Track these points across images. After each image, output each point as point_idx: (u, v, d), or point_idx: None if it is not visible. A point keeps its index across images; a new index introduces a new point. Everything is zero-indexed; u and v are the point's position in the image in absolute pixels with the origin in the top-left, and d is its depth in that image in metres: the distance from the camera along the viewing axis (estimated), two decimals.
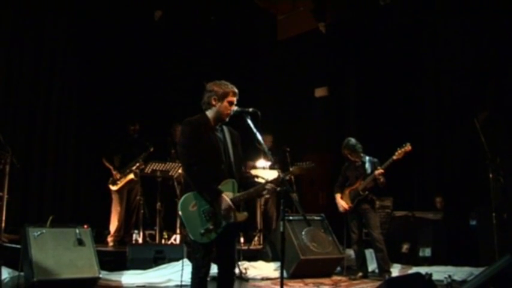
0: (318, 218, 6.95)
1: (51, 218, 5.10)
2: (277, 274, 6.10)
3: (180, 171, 6.93)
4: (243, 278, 5.93)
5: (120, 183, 7.22)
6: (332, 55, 9.61)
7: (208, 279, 3.52)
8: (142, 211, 7.27)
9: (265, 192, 3.57)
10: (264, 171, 7.40)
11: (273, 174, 6.24)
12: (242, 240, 7.62)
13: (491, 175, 6.07)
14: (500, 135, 7.30)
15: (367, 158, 6.45)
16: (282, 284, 3.42)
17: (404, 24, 8.54)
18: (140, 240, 7.21)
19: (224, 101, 3.56)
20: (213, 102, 3.58)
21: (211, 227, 3.39)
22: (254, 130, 3.55)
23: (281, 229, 3.45)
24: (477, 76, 7.80)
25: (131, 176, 7.20)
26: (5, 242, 5.86)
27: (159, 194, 7.17)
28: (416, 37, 8.55)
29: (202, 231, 3.37)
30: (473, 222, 7.02)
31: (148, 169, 7.08)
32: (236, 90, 3.61)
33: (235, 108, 3.60)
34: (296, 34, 10.17)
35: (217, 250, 3.55)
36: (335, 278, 6.35)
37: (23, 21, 7.68)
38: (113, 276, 5.51)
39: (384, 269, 6.17)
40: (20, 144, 7.46)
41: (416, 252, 7.09)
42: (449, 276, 5.39)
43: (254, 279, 6.06)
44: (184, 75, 9.22)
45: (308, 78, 9.98)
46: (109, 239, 7.24)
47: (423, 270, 5.26)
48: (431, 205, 7.82)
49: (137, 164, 7.19)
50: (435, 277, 4.53)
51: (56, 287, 4.86)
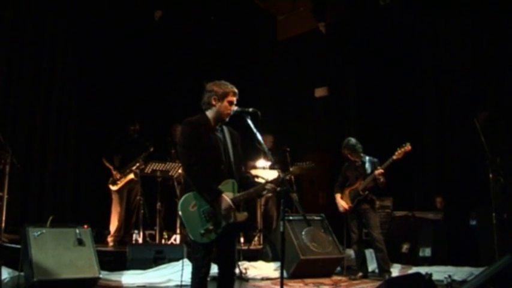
0: (318, 218, 6.95)
1: (51, 218, 5.10)
2: (277, 274, 6.10)
3: (180, 171, 6.93)
4: (243, 278, 5.93)
5: (120, 183, 7.22)
6: (332, 55, 9.60)
7: (208, 279, 3.52)
8: (142, 211, 7.28)
9: (265, 192, 3.57)
10: (264, 171, 7.41)
11: (273, 174, 6.25)
12: (242, 240, 7.63)
13: (491, 175, 6.07)
14: (500, 135, 7.30)
15: (367, 158, 6.45)
16: (282, 284, 3.41)
17: (404, 24, 8.52)
18: (140, 240, 7.21)
19: (224, 101, 3.56)
20: (213, 102, 3.58)
21: (211, 227, 3.39)
22: (254, 130, 3.55)
23: (281, 229, 3.45)
24: (477, 76, 7.79)
25: (131, 176, 7.21)
26: (5, 242, 5.87)
27: (159, 194, 7.17)
28: (416, 37, 8.54)
29: (202, 231, 3.37)
30: (473, 222, 7.02)
31: (148, 169, 7.09)
32: (236, 90, 3.62)
33: (235, 108, 3.60)
34: (296, 34, 10.16)
35: (217, 250, 3.56)
36: (335, 278, 6.35)
37: (23, 21, 7.69)
38: (113, 276, 5.51)
39: (384, 269, 6.17)
40: (20, 144, 7.46)
41: (416, 252, 7.09)
42: (449, 276, 5.39)
43: (254, 279, 6.06)
44: (184, 75, 9.22)
45: (308, 78, 9.97)
46: (109, 239, 7.24)
47: (423, 270, 5.25)
48: (431, 205, 7.81)
49: (137, 164, 7.19)
50: (435, 277, 4.53)
51: (56, 287, 4.85)
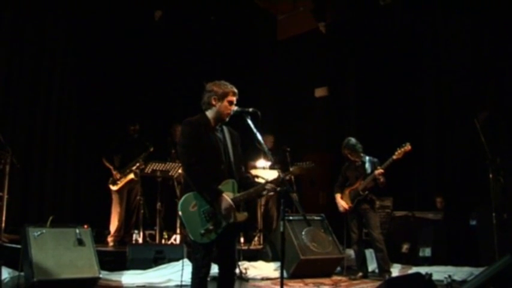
0: (318, 218, 6.95)
1: (51, 218, 5.09)
2: (277, 274, 6.10)
3: (180, 171, 6.93)
4: (243, 278, 5.93)
5: (120, 183, 7.22)
6: (332, 55, 9.61)
7: (208, 279, 3.52)
8: (142, 211, 7.28)
9: (265, 192, 3.57)
10: (264, 171, 7.41)
11: (273, 174, 6.25)
12: (242, 240, 7.63)
13: (491, 175, 6.07)
14: (500, 135, 7.31)
15: (367, 158, 6.45)
16: (282, 284, 3.41)
17: (404, 24, 8.53)
18: (140, 240, 7.21)
19: (224, 101, 3.56)
20: (213, 102, 3.58)
21: (211, 227, 3.39)
22: (254, 130, 3.55)
23: (281, 229, 3.44)
24: (477, 76, 7.79)
25: (131, 176, 7.21)
26: (5, 242, 5.87)
27: (159, 194, 7.17)
28: (416, 37, 8.54)
29: (202, 231, 3.37)
30: (473, 222, 7.01)
31: (148, 169, 7.09)
32: (236, 90, 3.62)
33: (235, 108, 3.60)
34: (296, 34, 10.17)
35: (217, 250, 3.56)
36: (335, 278, 6.35)
37: (23, 21, 7.68)
38: (113, 276, 5.51)
39: (384, 269, 6.17)
40: (20, 144, 7.46)
41: (416, 252, 7.09)
42: (449, 276, 5.39)
43: (254, 279, 6.06)
44: (184, 75, 9.21)
45: (308, 78, 9.97)
46: (109, 239, 7.24)
47: (423, 270, 5.25)
48: (431, 205, 7.80)
49: (137, 164, 7.19)
50: (435, 277, 4.54)
51: (56, 287, 4.85)
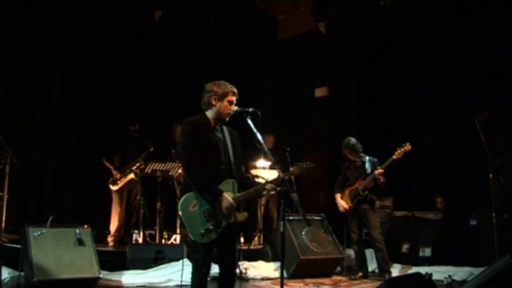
0: (318, 218, 6.95)
1: (51, 218, 5.09)
2: (277, 274, 6.10)
3: (180, 171, 6.93)
4: (243, 278, 5.93)
5: (120, 183, 7.22)
6: (332, 55, 9.60)
7: (208, 279, 3.52)
8: (142, 211, 7.27)
9: (265, 192, 3.57)
10: (264, 171, 7.41)
11: (273, 174, 6.24)
12: (242, 240, 7.63)
13: (491, 175, 6.07)
14: (500, 135, 7.30)
15: (367, 158, 6.44)
16: (282, 284, 3.41)
17: (404, 24, 8.53)
18: (140, 240, 7.21)
19: (224, 101, 3.57)
20: (213, 102, 3.58)
21: (211, 227, 3.39)
22: (254, 130, 3.55)
23: (281, 229, 3.44)
24: (477, 76, 7.79)
25: (131, 176, 7.21)
26: (5, 242, 5.87)
27: (159, 194, 7.17)
28: (416, 37, 8.54)
29: (202, 231, 3.37)
30: (473, 222, 7.01)
31: (148, 169, 7.09)
32: (235, 90, 3.62)
33: (235, 108, 3.60)
34: (296, 34, 10.16)
35: (218, 250, 3.56)
36: (335, 278, 6.35)
37: (23, 21, 7.68)
38: (113, 276, 5.51)
39: (384, 269, 6.17)
40: (20, 144, 7.46)
41: (416, 252, 7.09)
42: (449, 276, 5.38)
43: (254, 279, 6.06)
44: (184, 75, 9.21)
45: (308, 78, 9.97)
46: (109, 239, 7.24)
47: (423, 270, 5.25)
48: (431, 205, 7.80)
49: (137, 164, 7.19)
50: (435, 277, 4.53)
51: (56, 287, 4.85)
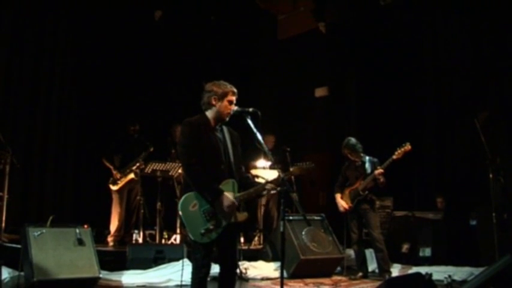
0: (318, 218, 6.95)
1: (51, 218, 5.09)
2: (277, 274, 6.10)
3: (180, 171, 6.93)
4: (243, 278, 5.92)
5: (120, 183, 7.22)
6: (332, 55, 9.60)
7: (208, 279, 3.52)
8: (142, 211, 7.27)
9: (265, 192, 3.57)
10: (264, 171, 7.41)
11: (273, 174, 6.25)
12: (242, 240, 7.63)
13: (491, 175, 6.07)
14: (500, 135, 7.30)
15: (367, 158, 6.44)
16: (282, 284, 3.41)
17: (404, 24, 8.53)
18: (140, 240, 7.21)
19: (224, 101, 3.57)
20: (213, 102, 3.58)
21: (211, 227, 3.39)
22: (254, 130, 3.55)
23: (281, 229, 3.44)
24: (477, 76, 7.79)
25: (131, 176, 7.21)
26: (5, 242, 5.87)
27: (159, 194, 7.17)
28: (416, 37, 8.54)
29: (202, 231, 3.37)
30: (473, 222, 7.01)
31: (148, 169, 7.09)
32: (235, 89, 3.62)
33: (235, 108, 3.60)
34: (296, 34, 10.16)
35: (219, 250, 3.56)
36: (335, 278, 6.35)
37: (23, 21, 7.68)
38: (113, 276, 5.51)
39: (384, 269, 6.17)
40: (20, 144, 7.46)
41: (416, 252, 7.09)
42: (449, 276, 5.39)
43: (254, 279, 6.06)
44: (184, 75, 9.21)
45: (308, 78, 9.97)
46: (109, 239, 7.24)
47: (423, 270, 5.25)
48: (431, 205, 7.80)
49: (137, 164, 7.19)
50: (435, 277, 4.54)
51: (56, 287, 4.85)
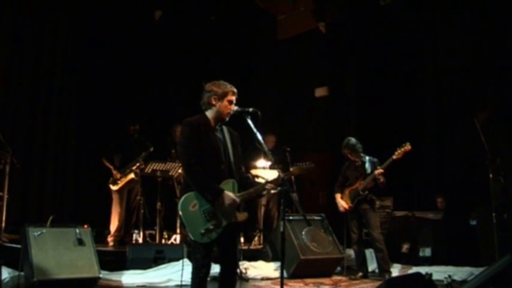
0: (318, 218, 6.95)
1: (51, 218, 5.09)
2: (277, 274, 6.09)
3: (180, 171, 6.93)
4: (243, 278, 5.92)
5: (120, 183, 7.22)
6: (332, 55, 9.60)
7: (208, 279, 3.52)
8: (142, 211, 7.27)
9: (265, 192, 3.58)
10: (264, 171, 7.41)
11: (273, 174, 6.25)
12: (242, 240, 7.62)
13: (491, 175, 6.07)
14: (500, 135, 7.30)
15: (367, 158, 6.44)
16: (282, 284, 3.41)
17: (404, 24, 8.53)
18: (140, 240, 7.21)
19: (224, 100, 3.57)
20: (213, 102, 3.58)
21: (211, 227, 3.39)
22: (254, 130, 3.55)
23: (281, 229, 3.44)
24: (477, 76, 7.79)
25: (132, 176, 7.21)
26: (5, 242, 5.87)
27: (159, 194, 7.17)
28: (416, 37, 8.54)
29: (202, 231, 3.37)
30: (473, 222, 7.02)
31: (148, 169, 7.09)
32: (235, 89, 3.63)
33: (235, 107, 3.60)
34: (296, 34, 10.15)
35: (220, 251, 3.56)
36: (335, 278, 6.35)
37: (23, 21, 7.68)
38: (113, 276, 5.51)
39: (384, 269, 6.17)
40: (20, 144, 7.46)
41: (416, 252, 7.09)
42: (449, 276, 5.39)
43: (254, 279, 6.06)
44: (184, 75, 9.21)
45: (308, 78, 9.97)
46: (109, 239, 7.24)
47: (423, 270, 5.25)
48: (431, 205, 7.80)
49: (137, 164, 7.19)
50: (435, 277, 4.54)
51: (56, 287, 4.85)
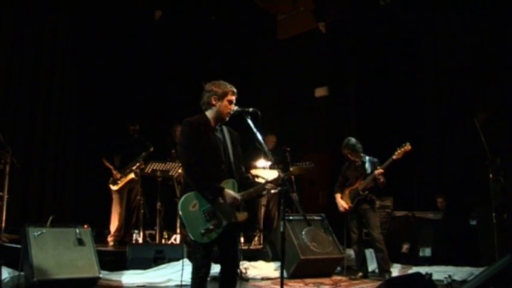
0: (318, 218, 6.95)
1: (51, 218, 5.09)
2: (277, 274, 6.10)
3: (180, 171, 6.93)
4: (243, 278, 5.92)
5: (120, 183, 7.22)
6: (332, 55, 9.61)
7: (208, 279, 3.52)
8: (142, 211, 7.28)
9: (265, 192, 3.58)
10: (264, 171, 7.42)
11: (273, 174, 6.24)
12: (242, 240, 7.63)
13: (491, 175, 6.07)
14: (500, 135, 7.30)
15: (367, 158, 6.44)
16: (282, 284, 3.41)
17: (404, 24, 8.53)
18: (140, 240, 7.21)
19: (224, 100, 3.57)
20: (213, 101, 3.58)
21: (211, 227, 3.39)
22: (254, 130, 3.55)
23: (281, 229, 3.45)
24: (477, 76, 7.79)
25: (132, 176, 7.21)
26: (5, 242, 5.87)
27: (159, 194, 7.18)
28: (416, 37, 8.54)
29: (202, 231, 3.37)
30: (473, 222, 7.02)
31: (148, 169, 7.09)
32: (235, 89, 3.63)
33: (235, 107, 3.60)
34: (296, 34, 10.15)
35: (220, 251, 3.56)
36: (335, 278, 6.35)
37: (23, 21, 7.68)
38: (113, 276, 5.51)
39: (384, 269, 6.17)
40: (20, 144, 7.46)
41: (416, 252, 7.09)
42: (449, 276, 5.40)
43: (254, 279, 6.06)
44: (184, 75, 9.21)
45: (308, 78, 9.97)
46: (109, 239, 7.24)
47: (423, 270, 5.25)
48: (431, 205, 7.80)
49: (137, 164, 7.19)
50: (435, 277, 4.54)
51: (56, 287, 4.85)
